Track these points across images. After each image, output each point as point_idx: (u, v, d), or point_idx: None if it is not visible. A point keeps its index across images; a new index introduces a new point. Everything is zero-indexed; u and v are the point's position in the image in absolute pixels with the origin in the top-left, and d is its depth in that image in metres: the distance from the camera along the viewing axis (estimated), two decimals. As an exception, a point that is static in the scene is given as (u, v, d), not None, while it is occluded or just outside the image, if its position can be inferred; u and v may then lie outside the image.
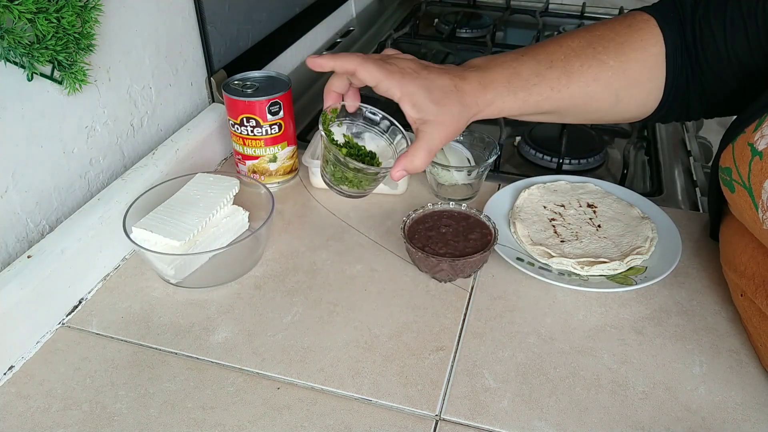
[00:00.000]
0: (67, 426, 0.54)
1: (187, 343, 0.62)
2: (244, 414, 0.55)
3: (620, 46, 0.63)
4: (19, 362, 0.60)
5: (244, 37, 1.01)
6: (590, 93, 0.64)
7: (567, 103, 0.65)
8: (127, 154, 0.79)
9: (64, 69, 0.63)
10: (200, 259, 0.68)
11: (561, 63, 0.63)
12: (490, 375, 0.58)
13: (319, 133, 0.68)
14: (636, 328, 0.63)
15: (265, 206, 0.71)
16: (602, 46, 0.64)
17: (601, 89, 0.64)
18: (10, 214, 0.63)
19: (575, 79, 0.63)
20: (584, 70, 0.63)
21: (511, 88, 0.62)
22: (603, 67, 0.63)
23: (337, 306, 0.66)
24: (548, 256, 0.69)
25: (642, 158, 0.96)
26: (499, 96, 0.62)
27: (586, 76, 0.63)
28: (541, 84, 0.63)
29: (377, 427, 0.54)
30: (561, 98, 0.64)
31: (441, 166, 0.78)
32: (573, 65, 0.63)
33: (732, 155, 0.58)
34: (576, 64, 0.63)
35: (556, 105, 0.65)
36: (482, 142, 0.82)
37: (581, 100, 0.65)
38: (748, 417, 0.55)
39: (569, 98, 0.64)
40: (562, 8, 1.51)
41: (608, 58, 0.63)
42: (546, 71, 0.63)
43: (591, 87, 0.64)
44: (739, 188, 0.57)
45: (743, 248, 0.61)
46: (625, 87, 0.64)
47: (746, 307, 0.60)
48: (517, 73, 0.63)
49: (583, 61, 0.63)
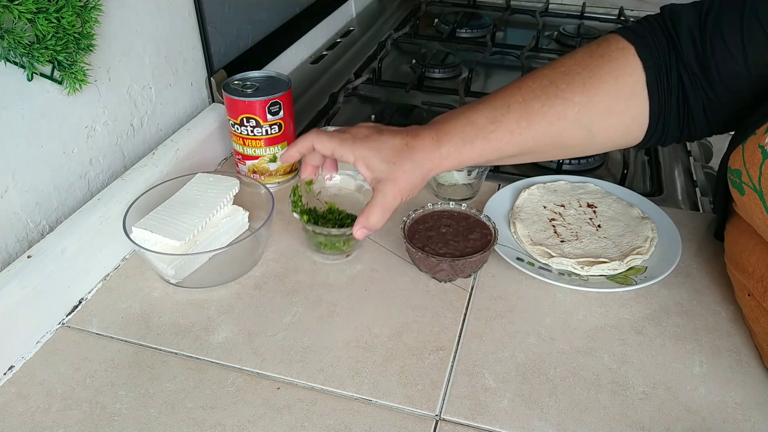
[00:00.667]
0: (67, 426, 0.54)
1: (187, 343, 0.62)
2: (244, 414, 0.55)
3: (587, 80, 0.61)
4: (19, 362, 0.60)
5: (244, 37, 1.01)
6: (557, 131, 0.62)
7: (532, 144, 0.62)
8: (127, 154, 0.79)
9: (64, 69, 0.63)
10: (200, 259, 0.68)
11: (519, 106, 0.61)
12: (490, 375, 0.58)
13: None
14: (636, 328, 0.63)
15: (265, 206, 0.71)
16: (566, 83, 0.61)
17: (569, 125, 0.61)
18: (10, 214, 0.63)
19: (537, 120, 0.61)
20: (546, 110, 0.61)
21: (466, 138, 0.61)
22: (567, 104, 0.61)
23: (337, 306, 0.66)
24: (548, 256, 0.69)
25: (642, 158, 0.96)
26: (455, 148, 0.61)
27: (548, 115, 0.61)
28: (498, 130, 0.61)
29: (377, 427, 0.54)
30: (524, 140, 0.62)
31: None
32: (533, 107, 0.61)
33: (742, 157, 0.57)
34: (536, 105, 0.61)
35: (521, 147, 0.62)
36: None
37: (549, 139, 0.62)
38: (748, 417, 0.55)
39: (533, 139, 0.62)
40: (562, 8, 1.51)
41: (572, 95, 0.61)
42: (502, 117, 0.61)
43: (556, 126, 0.61)
44: (749, 191, 0.57)
45: (752, 249, 0.60)
46: (597, 120, 0.62)
47: (753, 307, 0.60)
48: (471, 122, 0.62)
49: (544, 101, 0.61)
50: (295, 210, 0.69)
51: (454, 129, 0.62)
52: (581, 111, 0.61)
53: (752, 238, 0.61)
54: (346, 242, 0.69)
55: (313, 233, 0.69)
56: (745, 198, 0.58)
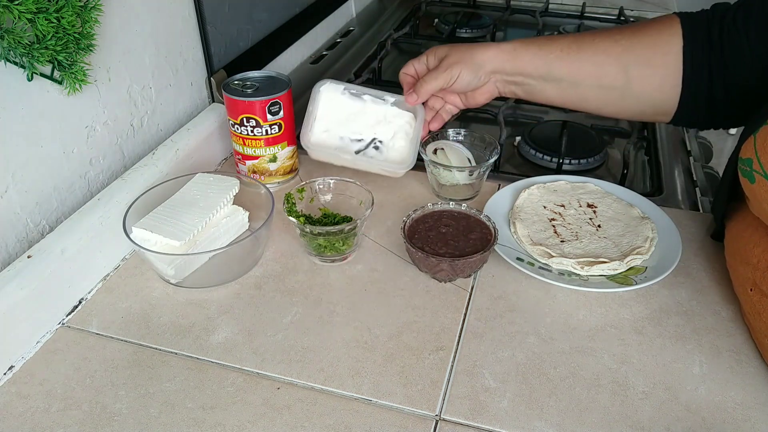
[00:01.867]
0: (67, 426, 0.54)
1: (187, 343, 0.62)
2: (244, 414, 0.55)
3: (636, 30, 0.71)
4: (19, 362, 0.60)
5: (244, 37, 1.01)
6: (599, 62, 0.71)
7: (576, 71, 0.72)
8: (127, 154, 0.79)
9: (64, 69, 0.63)
10: (200, 259, 0.68)
11: (573, 36, 0.74)
12: (490, 375, 0.58)
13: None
14: (636, 328, 0.63)
15: (265, 206, 0.71)
16: (621, 29, 0.73)
17: (611, 61, 0.71)
18: (10, 214, 0.63)
19: (586, 46, 0.72)
20: (596, 42, 0.71)
21: (523, 42, 0.74)
22: (614, 43, 0.71)
23: (337, 306, 0.66)
24: (548, 256, 0.69)
25: (642, 158, 0.96)
26: (511, 45, 0.74)
27: (596, 47, 0.71)
28: (552, 45, 0.73)
29: (377, 427, 0.54)
30: (571, 61, 0.72)
31: (442, 167, 0.78)
32: (584, 39, 0.73)
33: (753, 146, 0.58)
34: (588, 38, 0.72)
35: (568, 68, 0.72)
36: (483, 142, 0.82)
37: (592, 68, 0.72)
38: (748, 417, 0.55)
39: (579, 63, 0.72)
40: (562, 8, 1.51)
41: (621, 37, 0.71)
42: (558, 38, 0.74)
43: (600, 57, 0.71)
44: (759, 178, 0.57)
45: (757, 241, 0.60)
46: (635, 64, 0.70)
47: (755, 301, 0.60)
48: (530, 39, 0.76)
49: (595, 37, 0.72)
50: (289, 212, 0.70)
51: (515, 41, 0.75)
52: (623, 52, 0.70)
53: (758, 230, 0.61)
54: (345, 242, 0.69)
55: (311, 235, 0.69)
56: (755, 186, 0.58)
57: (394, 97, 0.80)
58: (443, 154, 0.81)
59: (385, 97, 0.80)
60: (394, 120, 0.80)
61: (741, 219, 0.65)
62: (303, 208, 0.72)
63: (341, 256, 0.71)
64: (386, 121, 0.80)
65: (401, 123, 0.80)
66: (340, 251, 0.70)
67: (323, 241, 0.69)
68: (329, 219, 0.72)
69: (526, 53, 0.73)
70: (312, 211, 0.73)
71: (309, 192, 0.74)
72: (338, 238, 0.69)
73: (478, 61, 0.75)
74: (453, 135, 0.84)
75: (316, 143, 0.79)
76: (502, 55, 0.74)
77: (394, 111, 0.80)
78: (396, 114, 0.80)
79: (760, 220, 0.60)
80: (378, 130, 0.80)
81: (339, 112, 0.81)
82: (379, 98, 0.80)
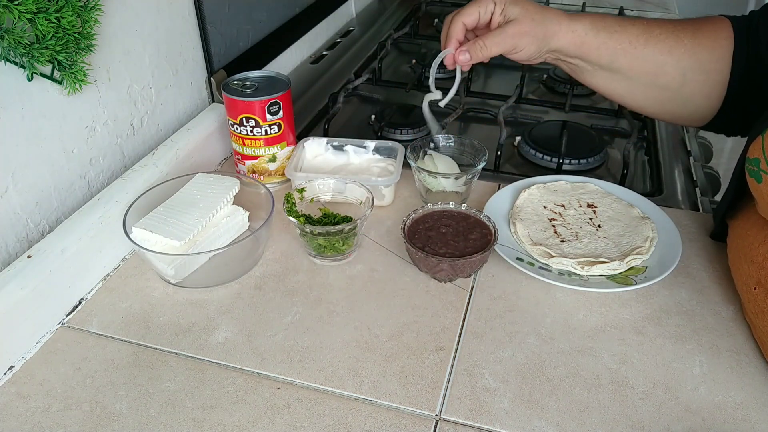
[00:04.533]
0: (67, 426, 0.54)
1: (187, 343, 0.62)
2: (244, 414, 0.55)
3: (696, 30, 0.69)
4: (19, 362, 0.60)
5: (244, 37, 1.01)
6: (662, 62, 0.70)
7: (638, 65, 0.70)
8: (127, 154, 0.79)
9: (64, 69, 0.63)
10: (200, 259, 0.68)
11: (642, 26, 0.70)
12: (490, 375, 0.58)
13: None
14: (636, 328, 0.63)
15: (265, 206, 0.71)
16: (681, 26, 0.70)
17: (672, 63, 0.69)
18: (10, 214, 0.63)
19: (653, 42, 0.69)
20: (662, 39, 0.69)
21: (595, 26, 0.70)
22: (678, 43, 0.69)
23: (337, 306, 0.66)
24: (548, 256, 0.69)
25: (642, 158, 0.96)
26: (583, 29, 0.70)
27: (662, 44, 0.69)
28: (621, 33, 0.70)
29: (377, 427, 0.54)
30: (635, 56, 0.70)
31: (428, 173, 0.77)
32: (653, 30, 0.70)
33: (762, 146, 0.58)
34: (656, 31, 0.70)
35: (629, 62, 0.70)
36: (472, 149, 0.81)
37: (652, 67, 0.70)
38: (748, 417, 0.55)
39: (642, 59, 0.70)
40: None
41: (684, 36, 0.69)
42: (629, 26, 0.70)
43: (663, 56, 0.69)
44: (767, 178, 0.57)
45: (762, 240, 0.61)
46: (693, 69, 0.69)
47: (758, 300, 0.60)
48: (602, 18, 0.71)
49: (663, 30, 0.70)
50: (289, 212, 0.70)
51: (588, 16, 0.71)
52: (685, 53, 0.69)
53: (763, 230, 0.61)
54: (345, 242, 0.69)
55: (311, 235, 0.69)
56: (762, 185, 0.58)
57: (374, 143, 0.83)
58: (431, 161, 0.80)
59: (366, 144, 0.83)
60: (377, 164, 0.83)
61: (746, 218, 0.66)
62: (303, 208, 0.72)
63: (341, 256, 0.71)
64: (369, 170, 0.82)
65: (384, 165, 0.83)
66: (340, 251, 0.70)
67: (323, 241, 0.69)
68: (329, 219, 0.72)
69: (594, 41, 0.70)
70: (312, 211, 0.73)
71: (309, 192, 0.74)
72: (338, 238, 0.69)
73: (547, 36, 0.70)
74: (443, 141, 0.83)
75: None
76: (571, 37, 0.70)
77: (375, 157, 0.84)
78: (378, 159, 0.84)
79: (765, 219, 0.60)
80: (362, 177, 0.79)
81: (324, 167, 0.83)
82: (360, 147, 0.83)
